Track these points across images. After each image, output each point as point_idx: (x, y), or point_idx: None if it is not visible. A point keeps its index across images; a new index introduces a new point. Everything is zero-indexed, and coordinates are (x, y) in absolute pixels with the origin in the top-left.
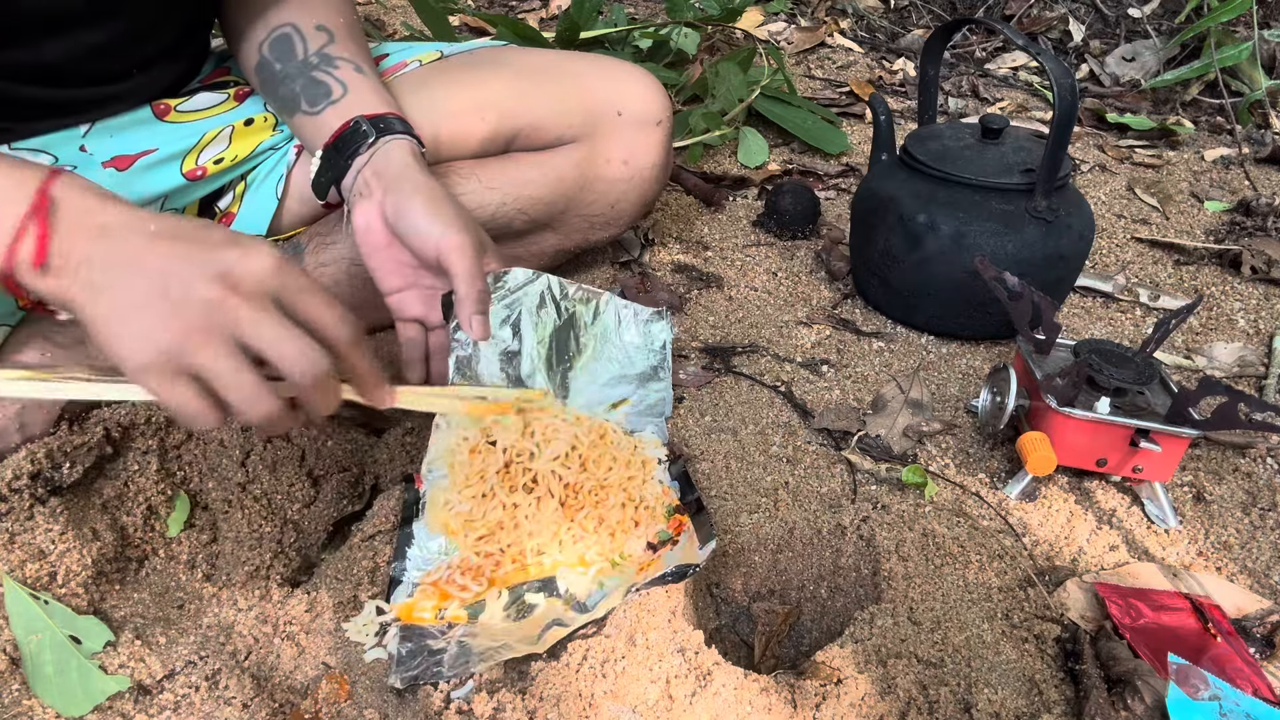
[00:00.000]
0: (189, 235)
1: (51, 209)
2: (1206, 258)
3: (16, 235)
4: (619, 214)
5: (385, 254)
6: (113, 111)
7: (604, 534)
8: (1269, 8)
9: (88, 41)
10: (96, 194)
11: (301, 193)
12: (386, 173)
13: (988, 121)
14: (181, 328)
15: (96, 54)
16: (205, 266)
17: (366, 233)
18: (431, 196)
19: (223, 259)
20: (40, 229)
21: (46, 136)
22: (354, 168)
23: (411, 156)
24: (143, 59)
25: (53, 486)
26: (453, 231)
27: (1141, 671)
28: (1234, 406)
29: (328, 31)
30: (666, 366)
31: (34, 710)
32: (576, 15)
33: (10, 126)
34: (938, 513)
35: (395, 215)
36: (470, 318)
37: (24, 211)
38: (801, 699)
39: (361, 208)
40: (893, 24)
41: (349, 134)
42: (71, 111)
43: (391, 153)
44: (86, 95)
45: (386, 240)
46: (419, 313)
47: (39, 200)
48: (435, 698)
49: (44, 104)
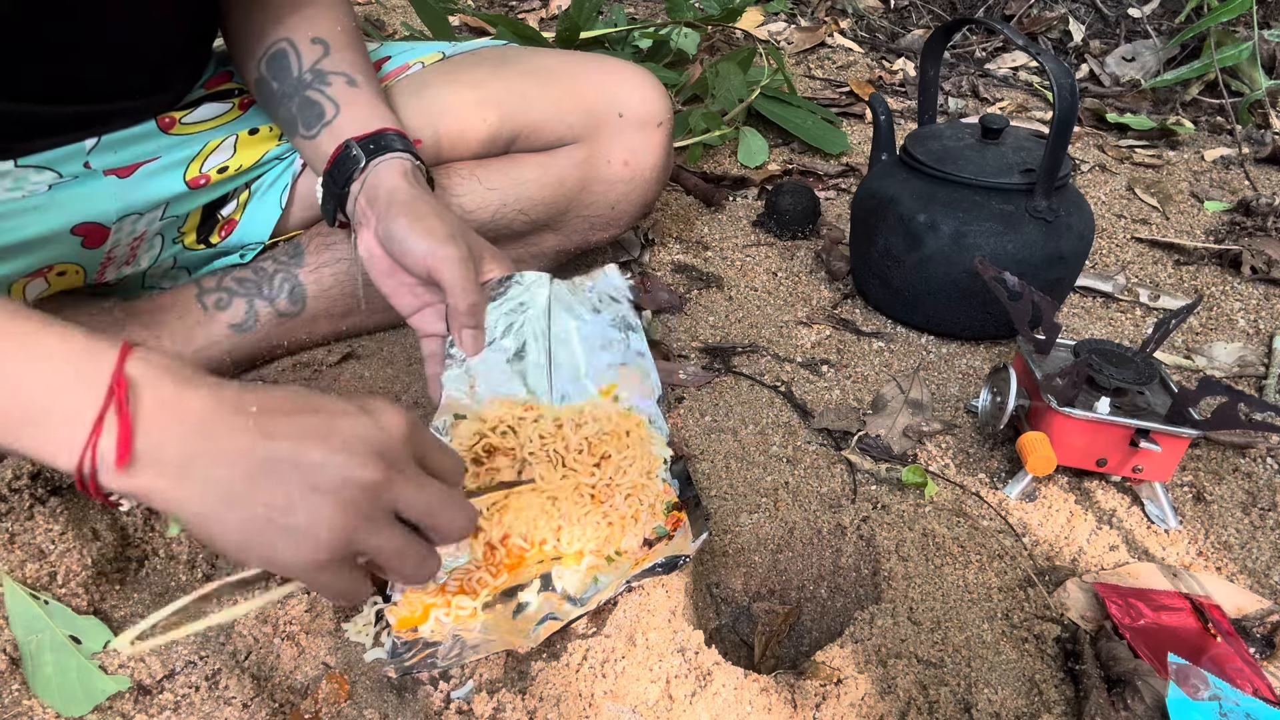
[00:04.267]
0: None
1: (132, 394)
2: (1206, 258)
3: (94, 429)
4: (619, 215)
5: (393, 280)
6: (117, 126)
7: (602, 529)
8: (1269, 8)
9: (91, 62)
10: (174, 369)
11: (306, 201)
12: (377, 198)
13: (988, 121)
14: (346, 520)
15: (100, 74)
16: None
17: (371, 260)
18: (415, 214)
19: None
20: (121, 421)
21: (51, 153)
22: (351, 195)
23: (400, 177)
24: (146, 76)
25: (53, 486)
26: (439, 245)
27: (1141, 671)
28: (1234, 406)
29: (323, 43)
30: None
31: (34, 710)
32: (576, 15)
33: (13, 145)
34: (938, 513)
35: (386, 239)
36: (461, 332)
37: (101, 397)
38: (801, 699)
39: (362, 237)
40: (893, 24)
41: (341, 160)
42: (76, 128)
43: (381, 176)
44: (91, 112)
45: (389, 266)
46: (441, 329)
47: (116, 382)
48: (435, 698)
49: (48, 121)
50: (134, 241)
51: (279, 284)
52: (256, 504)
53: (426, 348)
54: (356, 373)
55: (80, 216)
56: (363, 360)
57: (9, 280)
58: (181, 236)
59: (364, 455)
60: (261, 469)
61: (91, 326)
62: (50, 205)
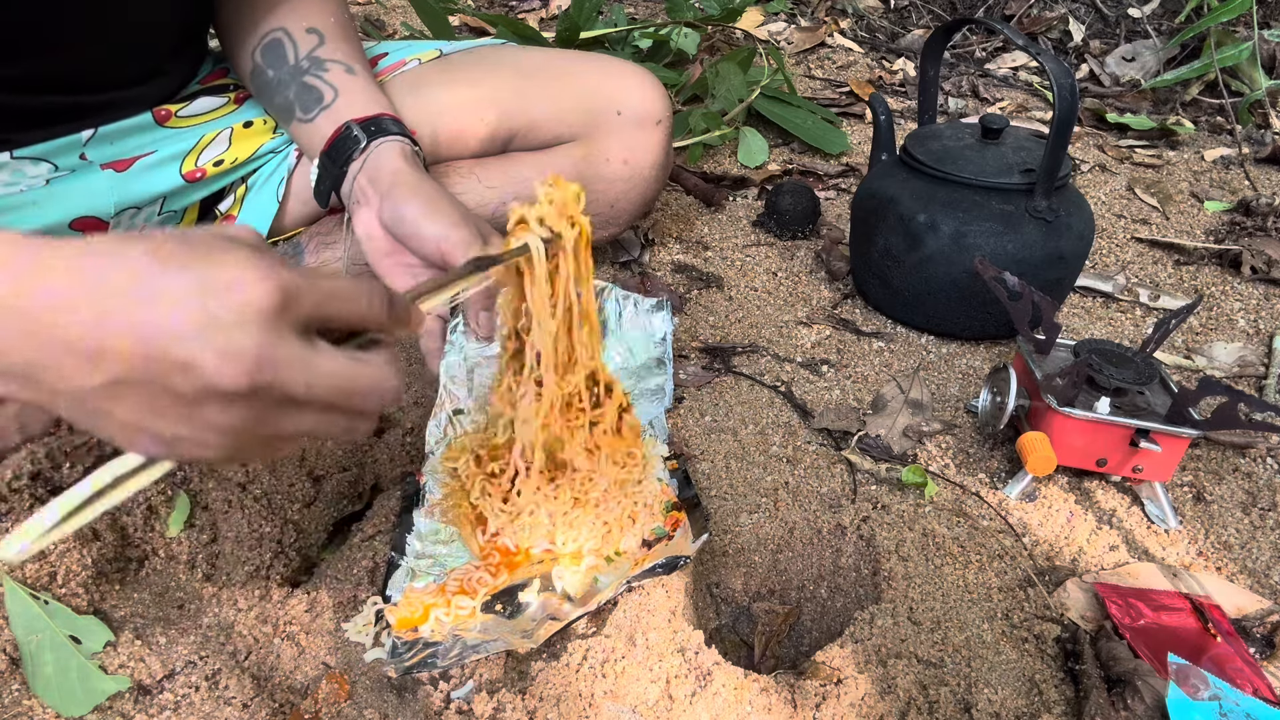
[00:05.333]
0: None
1: None
2: (1206, 258)
3: None
4: (619, 213)
5: (391, 260)
6: (114, 118)
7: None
8: (1269, 8)
9: (87, 54)
10: None
11: (302, 195)
12: (380, 179)
13: (988, 121)
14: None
15: (96, 65)
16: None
17: (369, 240)
18: (427, 197)
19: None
20: None
21: (48, 144)
22: (349, 174)
23: (403, 158)
24: (142, 68)
25: (53, 486)
26: (452, 228)
27: (1141, 671)
28: (1234, 406)
29: (318, 33)
30: (668, 358)
31: (34, 710)
32: (576, 15)
33: (10, 136)
34: (938, 513)
35: (393, 220)
36: (477, 314)
37: None
38: (801, 699)
39: (361, 216)
40: (893, 24)
41: (341, 140)
42: (73, 118)
43: (383, 157)
44: (87, 102)
45: (389, 246)
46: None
47: None
48: (435, 698)
49: (44, 112)
50: None
51: None
52: (116, 416)
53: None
54: None
55: (78, 211)
56: None
57: None
58: None
59: (219, 355)
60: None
61: None
62: (48, 199)
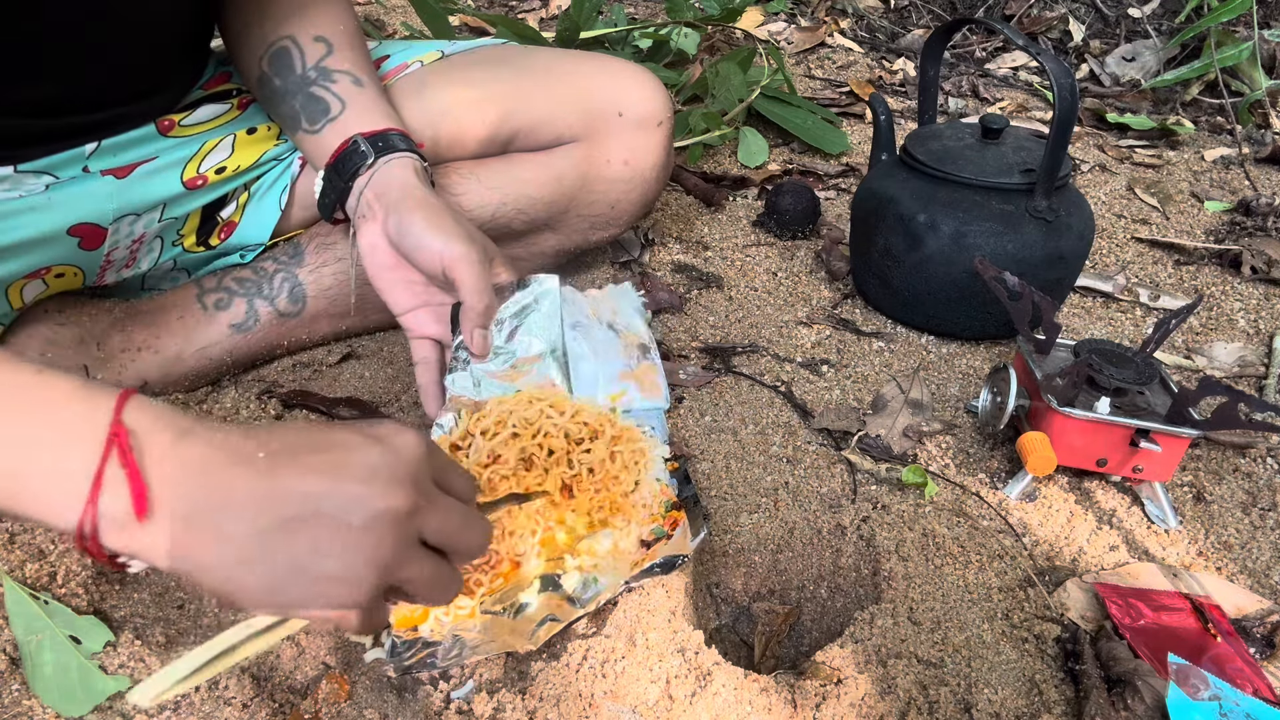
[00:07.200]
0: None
1: (135, 444)
2: (1206, 258)
3: (95, 483)
4: (619, 214)
5: (393, 274)
6: (117, 131)
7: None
8: (1269, 8)
9: (90, 76)
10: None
11: (305, 203)
12: (388, 194)
13: (988, 121)
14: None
15: (99, 86)
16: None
17: (372, 253)
18: (434, 211)
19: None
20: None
21: (51, 159)
22: (355, 189)
23: (413, 174)
24: (144, 84)
25: None
26: (457, 244)
27: (1141, 671)
28: (1234, 406)
29: (326, 42)
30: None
31: (34, 710)
32: (576, 15)
33: (14, 154)
34: (938, 513)
35: (399, 234)
36: (473, 331)
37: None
38: (801, 699)
39: (365, 230)
40: (893, 24)
41: (347, 154)
42: (77, 135)
43: (392, 172)
44: (91, 121)
45: (393, 260)
46: (435, 331)
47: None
48: (435, 698)
49: (49, 132)
50: (133, 244)
51: (279, 284)
52: (278, 557)
53: (418, 352)
54: (356, 372)
55: (77, 217)
56: (363, 360)
57: (6, 282)
58: (181, 239)
59: (386, 485)
60: (278, 520)
61: (92, 326)
62: (46, 206)
